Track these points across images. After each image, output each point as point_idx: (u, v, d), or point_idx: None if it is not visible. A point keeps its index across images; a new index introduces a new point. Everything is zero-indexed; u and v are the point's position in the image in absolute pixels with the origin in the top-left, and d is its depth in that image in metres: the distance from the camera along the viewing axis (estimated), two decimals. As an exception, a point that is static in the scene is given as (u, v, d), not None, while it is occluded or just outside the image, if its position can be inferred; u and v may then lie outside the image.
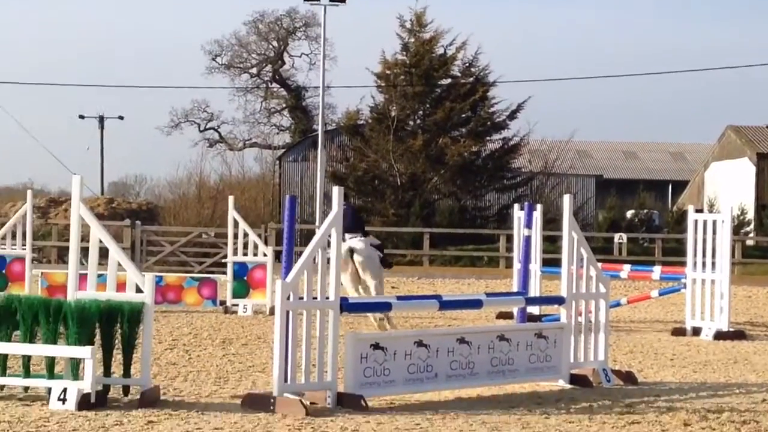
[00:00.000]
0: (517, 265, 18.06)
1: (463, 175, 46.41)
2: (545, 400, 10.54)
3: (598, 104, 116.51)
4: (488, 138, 47.92)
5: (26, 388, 9.86)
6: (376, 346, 10.03)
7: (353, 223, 16.74)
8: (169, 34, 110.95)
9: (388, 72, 47.89)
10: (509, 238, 32.00)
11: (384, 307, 11.30)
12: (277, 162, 57.04)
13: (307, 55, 64.82)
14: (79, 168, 53.49)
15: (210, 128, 67.31)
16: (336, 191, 9.99)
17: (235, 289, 19.58)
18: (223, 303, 19.47)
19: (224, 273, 20.90)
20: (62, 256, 36.60)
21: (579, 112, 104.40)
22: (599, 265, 12.28)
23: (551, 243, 28.32)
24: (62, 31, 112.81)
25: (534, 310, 17.44)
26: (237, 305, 19.33)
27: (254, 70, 65.95)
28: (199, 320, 17.76)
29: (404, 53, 47.54)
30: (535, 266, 18.34)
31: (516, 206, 20.02)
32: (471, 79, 47.40)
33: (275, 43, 65.33)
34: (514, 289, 17.83)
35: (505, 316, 18.25)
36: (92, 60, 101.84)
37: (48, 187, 61.53)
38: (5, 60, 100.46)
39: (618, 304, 17.91)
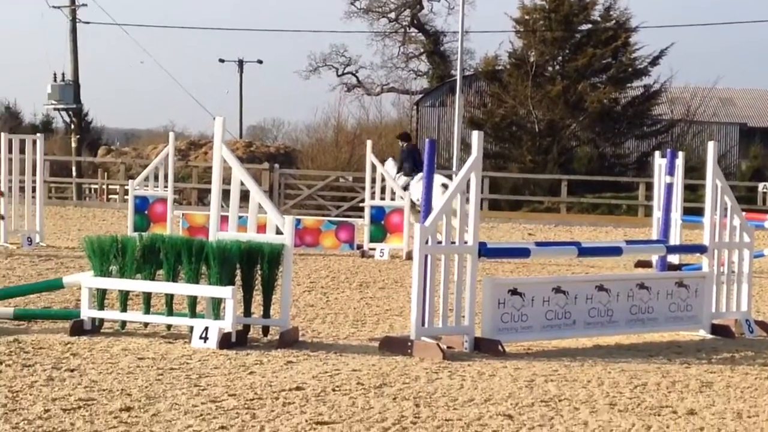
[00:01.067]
0: (657, 214, 17.72)
1: (602, 121, 45.80)
2: (685, 349, 10.36)
3: (743, 50, 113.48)
4: (629, 85, 47.15)
5: (169, 326, 10.06)
6: (513, 292, 9.97)
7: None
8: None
9: (527, 17, 47.35)
10: (648, 186, 31.49)
11: (522, 253, 11.19)
12: (415, 107, 56.97)
13: (445, -1, 64.39)
14: (218, 112, 54.25)
15: (348, 73, 67.43)
16: (475, 136, 9.91)
17: (372, 233, 19.67)
18: (360, 247, 19.58)
19: (361, 217, 21.01)
20: (202, 198, 37.33)
21: (722, 59, 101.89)
22: (743, 214, 11.99)
23: (691, 192, 27.76)
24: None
25: (674, 260, 17.12)
26: (374, 249, 19.41)
27: (392, 15, 65.76)
28: (336, 263, 17.89)
29: (543, -2, 46.94)
30: (676, 215, 17.98)
31: (657, 153, 19.61)
32: (612, 23, 46.61)
33: (414, -12, 65.01)
34: (654, 237, 17.52)
35: (644, 265, 17.99)
36: (232, 4, 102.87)
37: (188, 130, 62.66)
38: (150, 4, 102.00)
39: (762, 255, 17.47)
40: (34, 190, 19.79)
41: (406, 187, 20.85)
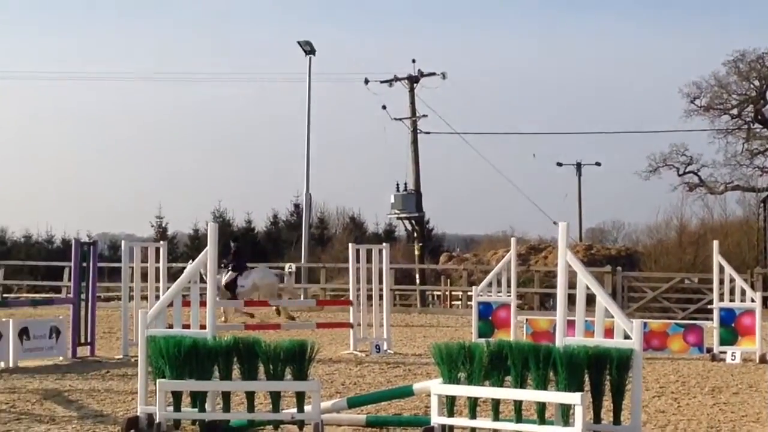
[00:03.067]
0: None
1: None
2: None
3: None
4: None
5: (520, 433, 10.01)
6: None
7: None
8: (644, 78, 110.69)
9: None
10: None
11: None
12: (761, 204, 55.00)
13: (787, 92, 62.24)
14: (556, 215, 54.33)
15: (689, 172, 66.00)
16: None
17: (722, 336, 18.99)
18: (710, 350, 18.94)
19: (710, 319, 20.36)
20: (544, 303, 37.29)
21: None
22: None
23: None
24: (530, 80, 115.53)
25: None
26: (725, 352, 18.72)
27: (735, 111, 64.10)
28: (685, 367, 17.36)
29: None
30: None
31: None
32: None
33: (756, 83, 63.24)
34: None
35: None
36: (568, 108, 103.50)
37: (527, 235, 62.73)
38: (485, 112, 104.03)
39: None
40: (381, 297, 20.34)
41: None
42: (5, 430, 10.79)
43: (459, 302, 40.34)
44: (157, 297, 18.29)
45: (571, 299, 10.16)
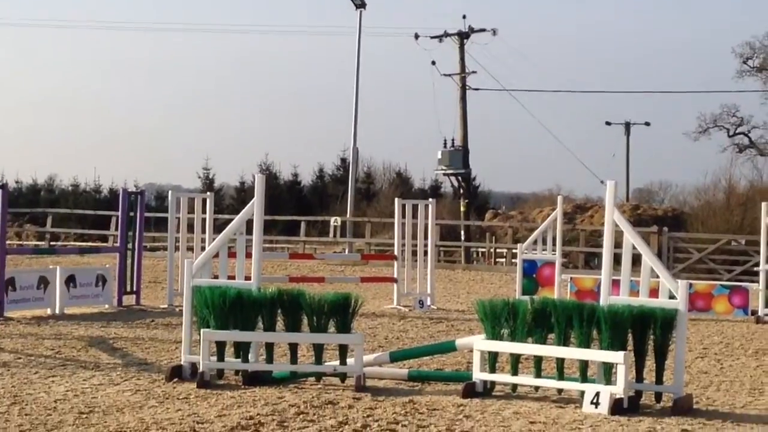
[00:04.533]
0: None
1: None
2: None
3: None
4: None
5: (559, 390, 10.01)
6: None
7: None
8: (699, 38, 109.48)
9: None
10: None
11: None
12: (811, 167, 54.43)
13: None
14: (604, 175, 54.10)
15: (739, 133, 65.39)
16: None
17: None
18: (754, 312, 18.81)
19: (755, 281, 20.21)
20: (588, 262, 37.16)
21: None
22: None
23: None
24: (587, 38, 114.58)
25: None
26: (770, 315, 18.59)
27: (790, 73, 63.30)
28: (729, 329, 17.27)
29: None
30: None
31: None
32: None
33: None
34: None
35: None
36: (618, 66, 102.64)
37: (573, 194, 62.39)
38: (537, 69, 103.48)
39: None
40: (426, 253, 20.34)
41: None
42: (51, 375, 10.92)
43: (503, 259, 40.28)
44: (203, 248, 18.38)
45: (617, 259, 10.12)
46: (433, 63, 49.65)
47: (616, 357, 9.41)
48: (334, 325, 10.58)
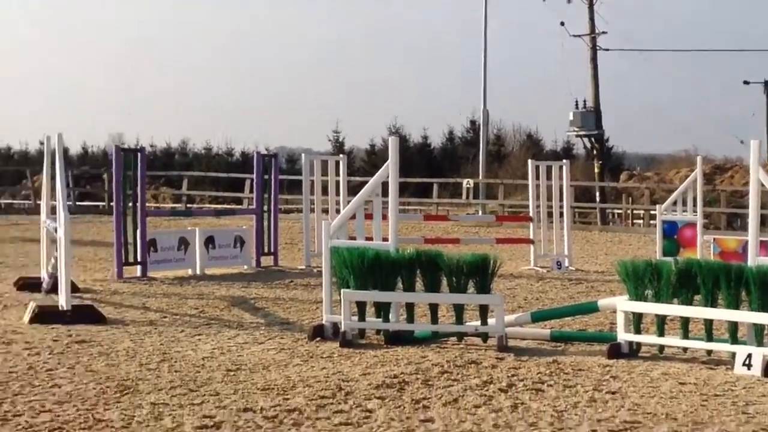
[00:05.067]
0: None
1: None
2: None
3: None
4: None
5: (709, 352, 9.78)
6: None
7: None
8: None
9: None
10: None
11: None
12: None
13: None
14: (742, 134, 52.85)
15: None
16: None
17: None
18: None
19: None
20: (731, 222, 36.42)
21: None
22: None
23: None
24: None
25: None
26: None
27: None
28: None
29: None
30: None
31: None
32: None
33: None
34: None
35: None
36: (758, 25, 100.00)
37: (711, 154, 61.13)
38: (670, 28, 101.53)
39: None
40: (561, 215, 20.12)
41: None
42: (197, 333, 11.09)
43: (641, 221, 39.73)
44: (338, 210, 18.46)
45: (763, 219, 9.84)
46: (562, 24, 49.10)
47: (766, 318, 9.17)
48: (474, 285, 10.51)
